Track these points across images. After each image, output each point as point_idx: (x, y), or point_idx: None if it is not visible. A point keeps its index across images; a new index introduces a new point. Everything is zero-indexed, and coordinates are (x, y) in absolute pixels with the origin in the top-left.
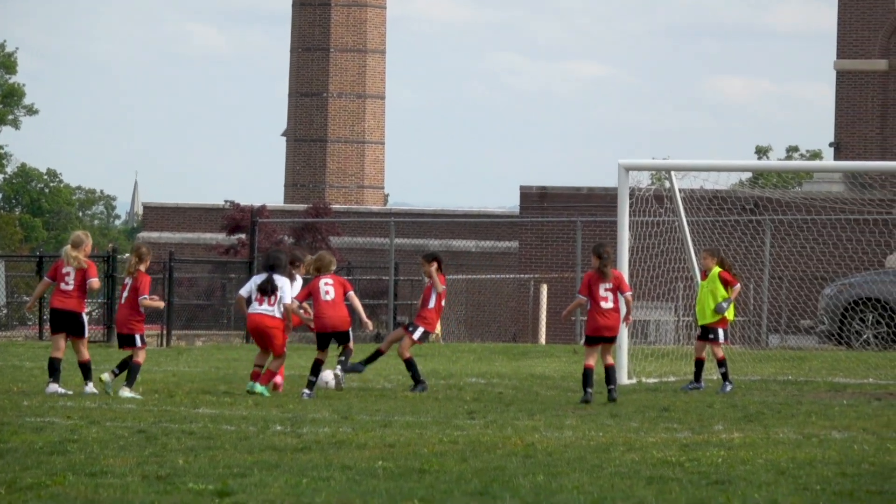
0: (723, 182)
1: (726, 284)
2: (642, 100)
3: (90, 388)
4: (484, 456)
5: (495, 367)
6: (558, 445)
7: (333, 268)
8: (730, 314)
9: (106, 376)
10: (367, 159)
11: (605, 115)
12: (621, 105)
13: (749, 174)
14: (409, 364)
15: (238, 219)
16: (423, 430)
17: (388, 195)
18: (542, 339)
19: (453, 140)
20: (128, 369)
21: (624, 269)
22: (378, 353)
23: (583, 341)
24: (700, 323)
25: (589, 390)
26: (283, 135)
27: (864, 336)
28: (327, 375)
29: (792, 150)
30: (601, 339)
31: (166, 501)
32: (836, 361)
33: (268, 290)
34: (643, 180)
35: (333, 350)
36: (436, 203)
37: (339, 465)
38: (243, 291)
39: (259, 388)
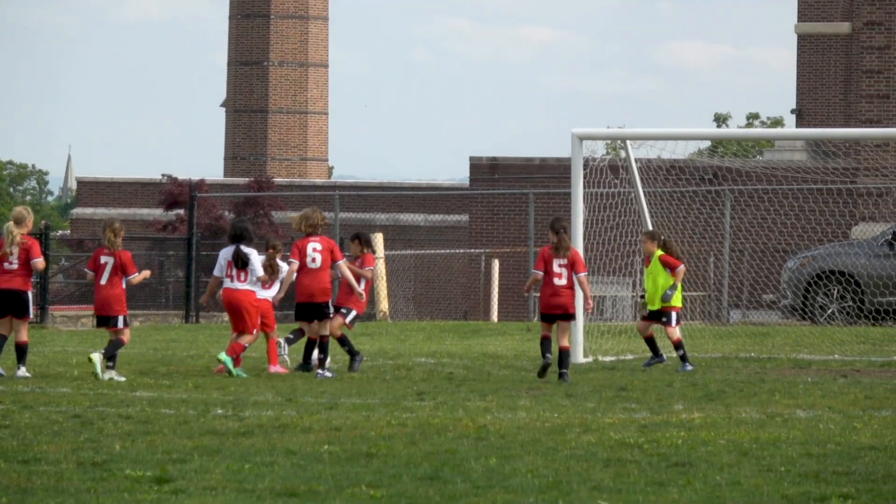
0: (680, 151)
1: (669, 268)
2: (596, 66)
3: (22, 371)
4: (434, 439)
5: (445, 346)
6: (511, 427)
7: (323, 226)
8: (677, 300)
9: (109, 375)
10: (310, 130)
11: (557, 82)
12: (575, 72)
13: (708, 143)
14: (343, 341)
15: (176, 193)
16: (370, 413)
17: (332, 168)
18: (494, 316)
19: (400, 110)
20: (111, 347)
21: (578, 243)
22: (311, 342)
23: (536, 318)
24: (651, 308)
25: (548, 355)
26: (223, 105)
27: (829, 310)
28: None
29: (752, 118)
30: (554, 316)
31: (103, 489)
32: (800, 337)
33: (241, 262)
34: (598, 150)
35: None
36: (382, 175)
37: (283, 449)
38: (217, 272)
39: (223, 354)
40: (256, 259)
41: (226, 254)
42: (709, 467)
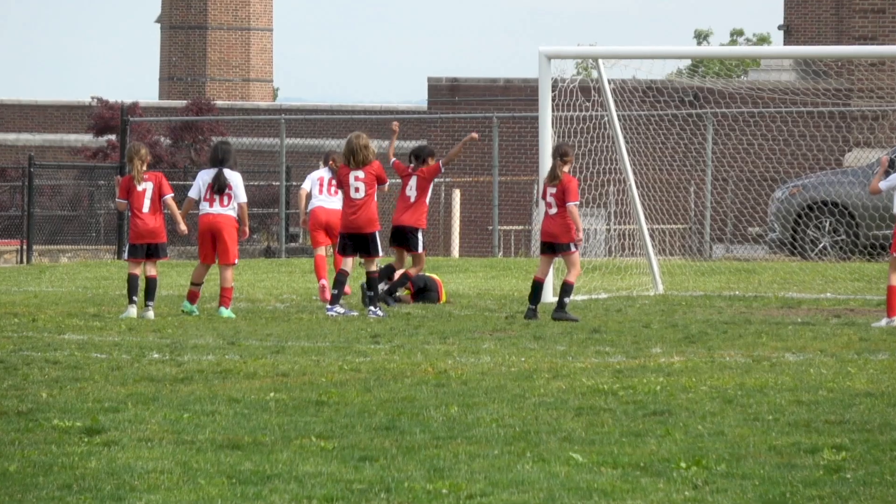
0: (658, 71)
1: None
2: None
3: None
4: (390, 385)
5: None
6: (474, 373)
7: (372, 158)
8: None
9: (149, 314)
10: (252, 48)
11: None
12: None
13: (688, 62)
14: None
15: (107, 118)
16: (320, 357)
17: (277, 89)
18: (456, 251)
19: (352, 26)
20: (150, 287)
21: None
22: (400, 277)
23: (500, 253)
24: None
25: (531, 307)
26: (158, 21)
27: (821, 244)
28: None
29: (736, 35)
30: (548, 246)
31: (28, 440)
32: (789, 274)
33: (220, 187)
34: (567, 70)
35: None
36: (332, 98)
37: (225, 397)
38: (192, 193)
39: (225, 312)
40: (240, 184)
41: (205, 176)
42: (689, 416)
